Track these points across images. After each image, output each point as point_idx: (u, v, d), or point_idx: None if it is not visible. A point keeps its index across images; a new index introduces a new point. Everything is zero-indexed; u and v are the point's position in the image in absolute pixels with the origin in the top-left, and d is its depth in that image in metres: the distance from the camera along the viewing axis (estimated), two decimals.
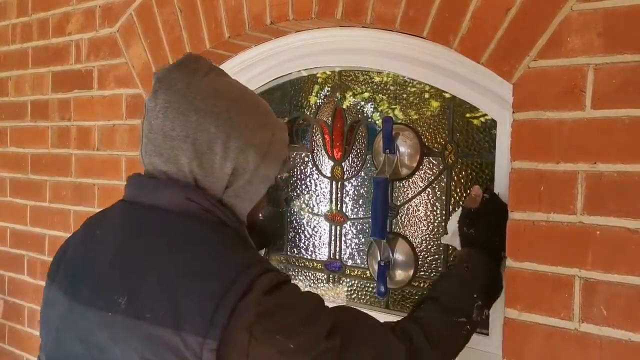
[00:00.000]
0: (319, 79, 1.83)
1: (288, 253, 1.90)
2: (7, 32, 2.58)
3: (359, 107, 1.73)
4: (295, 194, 1.88)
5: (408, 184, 1.62)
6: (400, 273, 1.60)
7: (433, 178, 1.57)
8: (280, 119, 1.16)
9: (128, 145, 2.10)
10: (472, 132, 1.51)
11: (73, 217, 2.29)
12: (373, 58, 1.63)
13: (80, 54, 2.25)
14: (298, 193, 1.88)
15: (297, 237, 1.88)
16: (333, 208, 1.79)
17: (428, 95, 1.60)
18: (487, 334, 1.42)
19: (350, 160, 1.75)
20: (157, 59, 1.96)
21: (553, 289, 1.19)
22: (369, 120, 1.71)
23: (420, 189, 1.59)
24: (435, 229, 1.57)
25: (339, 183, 1.77)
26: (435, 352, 1.09)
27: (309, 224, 1.85)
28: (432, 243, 1.58)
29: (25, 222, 2.52)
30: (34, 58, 2.46)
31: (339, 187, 1.77)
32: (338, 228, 1.78)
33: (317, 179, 1.83)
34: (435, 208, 1.57)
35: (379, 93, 1.69)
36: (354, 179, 1.74)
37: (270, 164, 1.06)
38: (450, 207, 1.54)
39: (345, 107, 1.75)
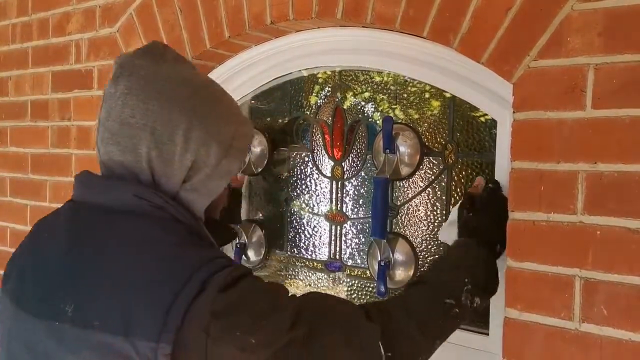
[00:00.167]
0: (319, 79, 1.83)
1: (288, 253, 1.90)
2: (7, 31, 2.58)
3: (359, 106, 1.73)
4: (296, 194, 1.88)
5: (408, 184, 1.62)
6: (401, 273, 1.60)
7: (433, 178, 1.57)
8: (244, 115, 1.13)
9: None
10: (472, 131, 1.51)
11: None
12: (373, 58, 1.63)
13: (81, 54, 2.25)
14: (298, 193, 1.88)
15: (297, 237, 1.88)
16: (333, 208, 1.79)
17: (428, 95, 1.60)
18: (487, 334, 1.42)
19: (351, 160, 1.75)
20: None
21: (553, 289, 1.19)
22: (369, 120, 1.71)
23: (421, 189, 1.59)
24: (436, 229, 1.57)
25: (339, 183, 1.77)
26: (417, 329, 1.02)
27: (309, 224, 1.85)
28: (432, 243, 1.58)
29: (26, 222, 2.51)
30: (34, 58, 2.46)
31: (339, 187, 1.77)
32: (338, 228, 1.78)
33: (317, 179, 1.83)
34: (436, 208, 1.57)
35: (379, 93, 1.69)
36: (354, 179, 1.74)
37: (233, 159, 1.02)
38: (451, 207, 1.54)
39: (346, 107, 1.75)
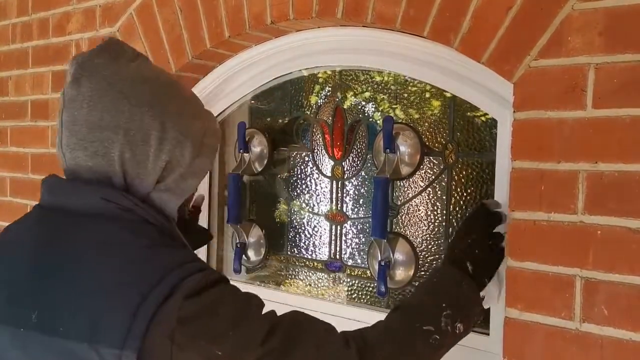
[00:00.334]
0: (320, 79, 1.83)
1: (288, 253, 1.90)
2: (7, 31, 2.58)
3: (360, 106, 1.73)
4: (296, 194, 1.88)
5: (408, 184, 1.62)
6: (401, 273, 1.60)
7: (433, 178, 1.57)
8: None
9: None
10: (472, 131, 1.51)
11: None
12: (374, 57, 1.63)
13: None
14: (298, 193, 1.88)
15: (297, 236, 1.88)
16: (333, 208, 1.79)
17: (428, 95, 1.59)
18: (487, 334, 1.42)
19: (351, 160, 1.74)
20: (157, 59, 1.96)
21: (554, 289, 1.19)
22: (370, 120, 1.71)
23: (421, 189, 1.59)
24: (436, 229, 1.57)
25: (340, 183, 1.77)
26: (393, 358, 0.99)
27: (310, 224, 1.85)
28: (432, 243, 1.58)
29: None
30: (34, 58, 2.46)
31: (340, 186, 1.77)
32: (338, 228, 1.78)
33: (317, 179, 1.83)
34: (436, 208, 1.57)
35: (380, 92, 1.69)
36: (355, 179, 1.74)
37: (205, 158, 1.01)
38: (451, 206, 1.54)
39: (346, 106, 1.75)
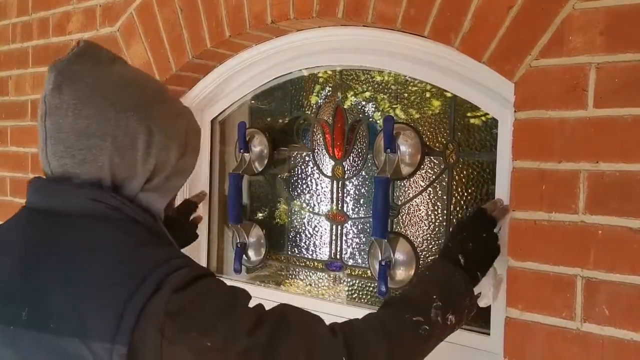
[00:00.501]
0: (320, 78, 1.83)
1: (289, 253, 1.90)
2: (7, 31, 2.58)
3: (360, 106, 1.73)
4: (296, 194, 1.88)
5: (409, 184, 1.62)
6: (401, 272, 1.60)
7: (434, 177, 1.57)
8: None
9: None
10: (473, 131, 1.51)
11: None
12: (374, 57, 1.63)
13: None
14: (299, 192, 1.87)
15: (297, 236, 1.88)
16: (334, 207, 1.79)
17: (429, 95, 1.59)
18: (488, 334, 1.42)
19: (351, 160, 1.74)
20: (158, 58, 1.96)
21: (555, 289, 1.19)
22: (370, 120, 1.71)
23: (422, 189, 1.59)
24: (437, 229, 1.57)
25: (340, 182, 1.77)
26: (383, 348, 0.98)
27: (310, 224, 1.85)
28: (433, 242, 1.58)
29: None
30: (35, 57, 2.45)
31: (340, 186, 1.77)
32: (339, 227, 1.78)
33: (317, 179, 1.83)
34: (437, 208, 1.57)
35: (380, 92, 1.69)
36: (355, 179, 1.74)
37: (189, 158, 1.03)
38: (452, 206, 1.54)
39: (346, 106, 1.75)
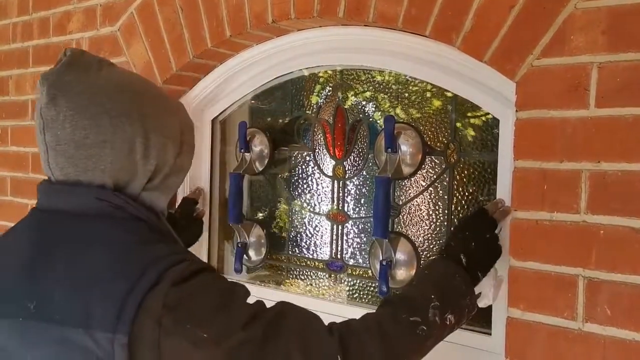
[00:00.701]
0: (321, 78, 1.82)
1: (289, 253, 1.90)
2: (7, 31, 2.57)
3: (361, 106, 1.73)
4: (297, 193, 1.88)
5: (410, 183, 1.61)
6: (402, 272, 1.60)
7: (435, 177, 1.57)
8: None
9: None
10: (474, 131, 1.50)
11: None
12: (375, 57, 1.63)
13: None
14: (299, 192, 1.87)
15: (298, 236, 1.87)
16: (334, 207, 1.78)
17: (430, 94, 1.59)
18: (489, 334, 1.42)
19: (352, 159, 1.74)
20: (158, 58, 1.96)
21: (556, 289, 1.18)
22: (370, 120, 1.71)
23: (422, 188, 1.59)
24: (438, 229, 1.57)
25: (341, 182, 1.77)
26: (379, 348, 0.98)
27: (311, 224, 1.85)
28: (434, 242, 1.57)
29: None
30: (35, 57, 2.45)
31: (341, 186, 1.77)
32: (340, 227, 1.78)
33: (318, 178, 1.82)
34: (438, 207, 1.57)
35: (381, 92, 1.68)
36: (356, 178, 1.74)
37: (186, 155, 1.05)
38: (453, 206, 1.54)
39: (347, 106, 1.75)
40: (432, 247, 1.58)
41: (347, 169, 1.75)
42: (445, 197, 1.55)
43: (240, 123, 1.90)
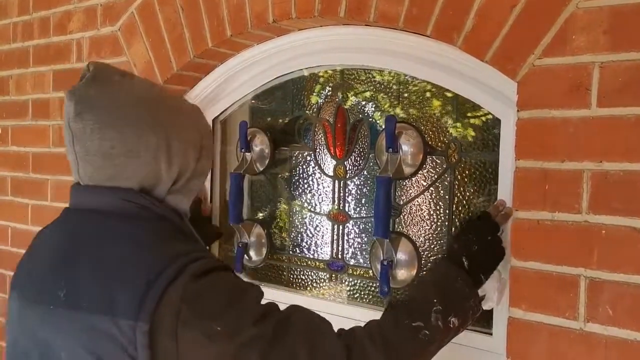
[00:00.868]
0: (321, 78, 1.82)
1: (290, 252, 1.90)
2: (8, 30, 2.57)
3: (362, 105, 1.73)
4: (297, 193, 1.88)
5: (411, 183, 1.61)
6: (403, 272, 1.60)
7: (436, 177, 1.56)
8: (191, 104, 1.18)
9: None
10: (475, 130, 1.50)
11: None
12: (376, 56, 1.62)
13: (82, 53, 2.24)
14: (300, 192, 1.87)
15: (299, 236, 1.87)
16: (335, 207, 1.78)
17: (431, 94, 1.59)
18: (490, 334, 1.41)
19: (353, 159, 1.74)
20: (159, 58, 1.96)
21: (558, 289, 1.18)
22: (371, 119, 1.70)
23: (424, 188, 1.59)
24: (439, 229, 1.56)
25: (342, 182, 1.77)
26: (379, 353, 1.01)
27: (311, 224, 1.85)
28: (435, 242, 1.57)
29: (27, 221, 2.51)
30: (35, 57, 2.45)
31: (342, 186, 1.77)
32: (340, 227, 1.77)
33: (319, 178, 1.82)
34: (439, 207, 1.56)
35: (382, 92, 1.68)
36: (357, 178, 1.74)
37: (206, 159, 1.11)
38: (454, 206, 1.53)
39: (348, 105, 1.75)
40: (433, 247, 1.58)
41: (347, 169, 1.75)
42: (446, 197, 1.55)
43: (241, 123, 1.90)
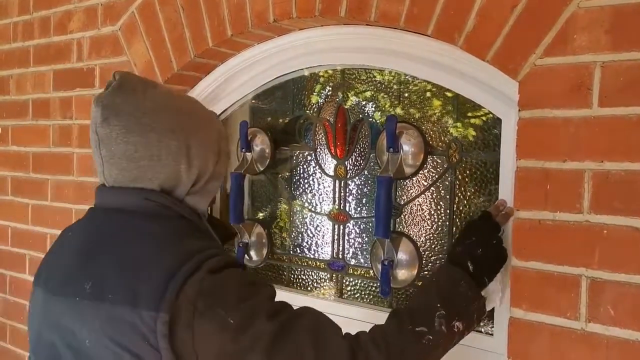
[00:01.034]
0: (322, 78, 1.82)
1: (291, 252, 1.89)
2: (8, 30, 2.57)
3: (362, 105, 1.73)
4: (298, 193, 1.87)
5: (412, 183, 1.61)
6: (404, 272, 1.59)
7: (437, 177, 1.56)
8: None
9: None
10: (476, 130, 1.50)
11: (75, 216, 2.28)
12: (377, 56, 1.62)
13: (82, 53, 2.24)
14: (301, 192, 1.87)
15: (299, 236, 1.87)
16: (336, 207, 1.78)
17: (432, 94, 1.59)
18: (491, 334, 1.41)
19: (354, 159, 1.74)
20: (159, 57, 1.96)
21: (559, 289, 1.18)
22: (371, 119, 1.70)
23: (424, 188, 1.58)
24: (440, 228, 1.56)
25: (342, 182, 1.76)
26: (383, 358, 1.03)
27: (312, 223, 1.84)
28: (436, 242, 1.57)
29: (27, 221, 2.51)
30: (36, 56, 2.45)
31: (342, 185, 1.76)
32: (341, 227, 1.77)
33: (320, 178, 1.82)
34: (440, 207, 1.56)
35: (382, 91, 1.68)
36: (357, 178, 1.73)
37: (223, 162, 1.17)
38: (455, 206, 1.53)
39: (348, 105, 1.74)
40: (434, 247, 1.57)
41: (348, 169, 1.75)
42: (447, 197, 1.54)
43: (242, 123, 1.90)
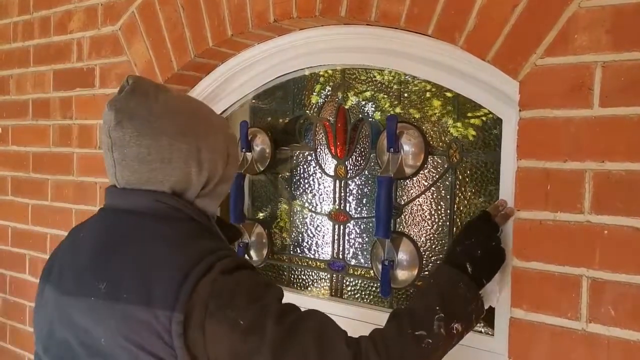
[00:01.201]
0: (322, 78, 1.82)
1: (291, 252, 1.89)
2: (8, 30, 2.57)
3: (362, 105, 1.72)
4: (298, 193, 1.87)
5: (412, 183, 1.61)
6: (404, 273, 1.59)
7: (437, 177, 1.56)
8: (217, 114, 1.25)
9: None
10: (477, 130, 1.50)
11: (75, 216, 2.28)
12: (377, 56, 1.62)
13: (82, 52, 2.24)
14: (301, 192, 1.87)
15: (300, 236, 1.87)
16: (336, 207, 1.78)
17: (432, 94, 1.59)
18: (492, 334, 1.41)
19: (354, 159, 1.73)
20: (159, 57, 1.95)
21: (560, 289, 1.18)
22: (371, 119, 1.70)
23: (425, 188, 1.58)
24: (440, 229, 1.56)
25: (343, 182, 1.76)
26: None
27: (312, 223, 1.84)
28: (436, 242, 1.57)
29: (27, 221, 2.51)
30: (36, 56, 2.45)
31: (343, 185, 1.76)
32: (341, 227, 1.77)
33: (320, 178, 1.82)
34: (440, 207, 1.56)
35: (383, 92, 1.68)
36: (358, 178, 1.73)
37: (232, 165, 1.19)
38: (455, 206, 1.53)
39: (349, 105, 1.74)
40: (434, 247, 1.57)
41: (348, 169, 1.75)
42: (448, 197, 1.54)
43: (242, 123, 1.90)
